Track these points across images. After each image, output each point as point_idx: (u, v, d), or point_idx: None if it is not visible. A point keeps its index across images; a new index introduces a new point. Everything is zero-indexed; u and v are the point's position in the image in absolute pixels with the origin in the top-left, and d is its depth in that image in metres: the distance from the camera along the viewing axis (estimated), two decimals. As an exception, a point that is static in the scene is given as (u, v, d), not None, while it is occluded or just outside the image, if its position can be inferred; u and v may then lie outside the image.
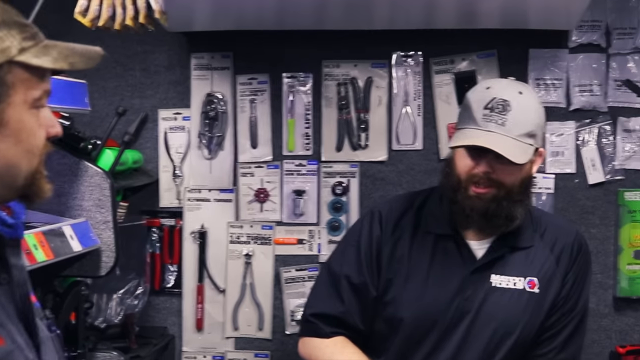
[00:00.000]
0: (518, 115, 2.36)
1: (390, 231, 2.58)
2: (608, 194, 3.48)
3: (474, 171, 2.39)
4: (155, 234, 3.59)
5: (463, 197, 2.42)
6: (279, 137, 3.54)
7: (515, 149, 2.34)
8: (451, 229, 2.52)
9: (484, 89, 2.45)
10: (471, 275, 2.48)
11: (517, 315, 2.48)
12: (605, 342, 3.49)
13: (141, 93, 3.56)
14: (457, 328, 2.47)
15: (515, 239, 2.52)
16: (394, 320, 2.51)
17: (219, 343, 3.61)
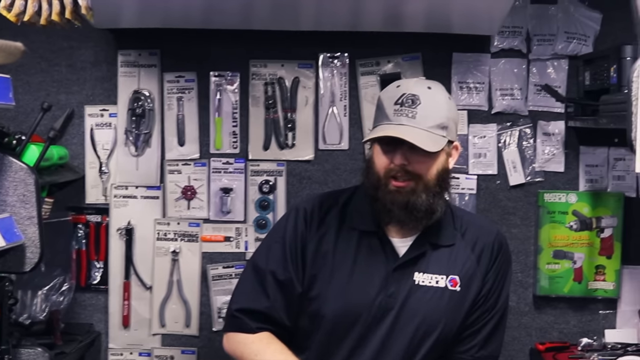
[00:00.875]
0: (427, 108, 2.42)
1: (316, 227, 2.60)
2: (528, 195, 3.55)
3: (391, 165, 2.43)
4: (82, 231, 3.58)
5: (384, 193, 2.46)
6: (206, 135, 3.55)
7: (426, 139, 2.39)
8: (375, 225, 2.56)
9: (394, 88, 2.51)
10: (394, 272, 2.52)
11: (439, 313, 2.51)
12: (525, 340, 3.56)
13: (67, 89, 3.54)
14: (380, 324, 2.50)
15: (437, 236, 2.57)
16: (317, 316, 2.53)
17: (145, 340, 3.61)
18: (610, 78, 2.93)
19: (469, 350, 2.59)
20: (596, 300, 3.57)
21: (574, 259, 3.53)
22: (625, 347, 3.37)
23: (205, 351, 3.61)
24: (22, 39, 3.27)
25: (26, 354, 2.98)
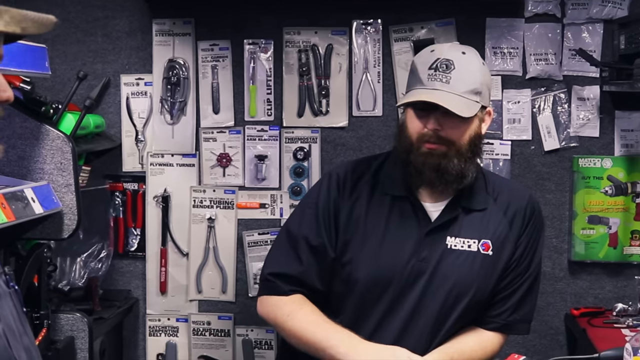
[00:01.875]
0: (461, 73, 2.41)
1: (348, 193, 2.59)
2: (563, 161, 3.54)
3: (424, 130, 2.42)
4: (119, 198, 3.62)
5: (415, 156, 2.45)
6: (240, 103, 3.57)
7: (460, 104, 2.38)
8: (407, 190, 2.55)
9: (428, 52, 2.49)
10: (426, 237, 2.51)
11: (471, 277, 2.51)
12: (560, 305, 3.57)
13: (103, 58, 3.57)
14: (412, 289, 2.50)
15: (469, 200, 2.56)
16: (350, 280, 2.53)
17: (182, 306, 3.65)
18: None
19: (501, 314, 2.59)
20: (631, 266, 3.56)
21: (609, 224, 3.52)
22: None
23: (242, 317, 3.65)
24: (58, 9, 3.35)
25: (65, 319, 3.03)
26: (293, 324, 2.55)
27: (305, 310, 2.55)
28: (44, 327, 2.83)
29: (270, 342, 3.64)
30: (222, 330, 3.65)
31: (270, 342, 3.64)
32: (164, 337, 3.67)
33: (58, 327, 3.01)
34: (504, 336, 2.63)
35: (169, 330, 3.66)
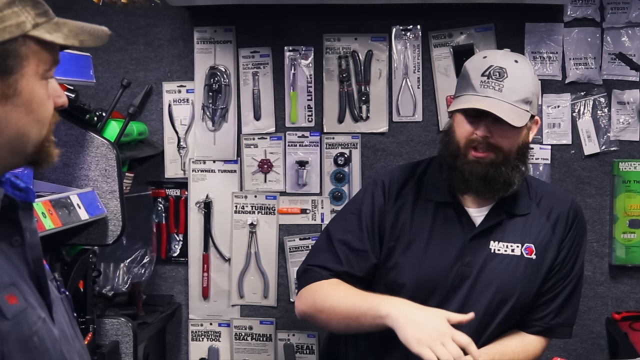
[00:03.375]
0: (514, 82, 2.42)
1: (393, 200, 2.62)
2: (603, 165, 3.54)
3: (473, 136, 2.44)
4: (161, 204, 3.66)
5: (462, 163, 2.47)
6: (281, 109, 3.60)
7: (512, 113, 2.39)
8: (451, 196, 2.57)
9: (481, 58, 2.50)
10: (470, 242, 2.53)
11: (514, 281, 2.53)
12: (601, 309, 3.56)
13: (145, 66, 3.61)
14: (456, 293, 2.52)
15: (513, 206, 2.57)
16: (395, 285, 2.55)
17: (224, 311, 3.68)
18: None
19: (544, 317, 2.60)
20: None
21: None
22: None
23: (283, 321, 3.67)
24: (101, 19, 3.39)
25: (110, 324, 3.07)
26: (332, 300, 2.53)
27: (344, 287, 2.55)
28: (90, 331, 2.88)
29: (312, 347, 3.65)
30: (264, 335, 3.67)
31: (311, 347, 3.65)
32: (206, 341, 3.70)
33: (103, 332, 3.05)
34: (547, 340, 2.65)
35: (212, 335, 3.69)
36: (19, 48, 1.38)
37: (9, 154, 1.43)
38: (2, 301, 1.34)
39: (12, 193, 1.44)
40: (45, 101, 1.46)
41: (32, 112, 1.43)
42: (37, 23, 1.40)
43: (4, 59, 1.36)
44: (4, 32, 1.35)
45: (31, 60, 1.40)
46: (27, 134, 1.43)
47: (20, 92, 1.39)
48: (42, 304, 1.47)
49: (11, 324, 1.34)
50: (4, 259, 1.41)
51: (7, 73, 1.37)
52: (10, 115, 1.39)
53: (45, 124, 1.47)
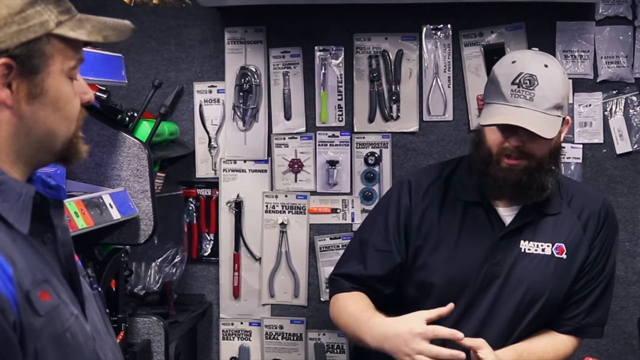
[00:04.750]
0: (545, 89, 2.41)
1: (420, 199, 2.64)
2: (636, 164, 3.52)
3: (505, 144, 2.44)
4: (192, 204, 3.68)
5: (495, 169, 2.48)
6: (312, 109, 3.61)
7: (544, 124, 2.39)
8: (480, 196, 2.58)
9: (510, 64, 2.49)
10: (500, 241, 2.55)
11: (545, 280, 2.54)
12: (633, 309, 3.53)
13: (176, 67, 3.63)
14: (486, 292, 2.53)
15: (543, 205, 2.57)
16: (425, 284, 2.58)
17: (255, 310, 3.70)
18: None
19: (575, 317, 2.61)
20: None
21: None
22: None
23: (314, 321, 3.68)
24: (132, 19, 3.34)
25: (142, 323, 3.10)
26: (341, 319, 2.65)
27: (356, 299, 2.62)
28: (122, 330, 2.91)
29: (342, 346, 3.66)
30: (295, 334, 3.68)
31: (342, 346, 3.66)
32: (237, 340, 3.71)
33: (135, 331, 3.08)
34: (578, 340, 2.66)
35: (242, 334, 3.71)
36: (44, 47, 1.41)
37: (39, 151, 1.47)
38: (35, 298, 1.35)
39: (43, 191, 1.47)
40: (72, 98, 1.49)
41: (59, 110, 1.46)
42: (60, 21, 1.43)
43: (30, 59, 1.39)
44: (28, 32, 1.38)
45: (56, 58, 1.43)
46: (56, 131, 1.46)
47: (47, 91, 1.43)
48: (74, 301, 1.49)
49: (44, 320, 1.36)
50: (37, 256, 1.43)
51: (33, 72, 1.40)
52: (38, 113, 1.43)
53: (72, 121, 1.50)
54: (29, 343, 1.33)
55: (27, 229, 1.41)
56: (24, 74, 1.39)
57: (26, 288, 1.34)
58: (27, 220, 1.41)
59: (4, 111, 1.40)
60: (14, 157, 1.43)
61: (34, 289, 1.36)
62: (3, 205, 1.39)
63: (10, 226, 1.39)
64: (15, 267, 1.34)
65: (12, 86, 1.39)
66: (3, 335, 1.28)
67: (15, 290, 1.32)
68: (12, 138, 1.42)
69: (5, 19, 1.36)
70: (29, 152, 1.45)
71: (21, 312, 1.32)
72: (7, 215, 1.39)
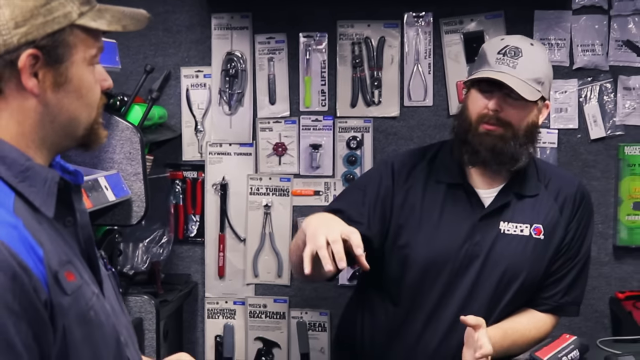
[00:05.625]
0: (528, 62, 2.54)
1: (403, 181, 2.71)
2: (609, 149, 3.62)
3: (485, 111, 2.54)
4: (179, 186, 3.75)
5: (473, 135, 2.57)
6: (296, 94, 3.68)
7: (523, 88, 2.50)
8: (461, 177, 2.67)
9: (498, 40, 2.64)
10: (480, 222, 2.63)
11: (523, 260, 2.62)
12: (605, 289, 3.64)
13: (164, 52, 3.69)
14: (467, 271, 2.61)
15: (521, 187, 2.67)
16: (406, 263, 2.64)
17: (239, 289, 3.78)
18: None
19: (553, 296, 2.70)
20: None
21: None
22: None
23: (297, 300, 3.77)
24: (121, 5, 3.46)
25: (134, 301, 3.17)
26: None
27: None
28: (116, 309, 2.97)
29: (324, 324, 3.75)
30: (278, 313, 3.77)
31: (323, 324, 3.75)
32: (221, 319, 3.80)
33: (127, 309, 3.13)
34: (556, 318, 2.75)
35: (227, 312, 3.79)
36: (67, 37, 1.46)
37: (62, 137, 1.53)
38: (62, 278, 1.41)
39: (62, 176, 1.52)
40: (94, 86, 1.54)
41: (82, 97, 1.51)
42: (82, 12, 1.48)
43: (55, 49, 1.45)
44: (53, 23, 1.44)
45: (79, 47, 1.49)
46: (79, 117, 1.52)
47: (71, 79, 1.48)
48: (94, 281, 1.55)
49: (71, 299, 1.43)
50: (60, 238, 1.49)
51: (58, 62, 1.46)
52: (62, 101, 1.48)
53: (94, 107, 1.56)
54: (58, 320, 1.39)
55: (52, 212, 1.47)
56: (49, 63, 1.45)
57: (54, 269, 1.40)
58: (53, 204, 1.47)
59: (30, 99, 1.45)
60: (39, 143, 1.49)
61: (61, 270, 1.42)
62: (30, 189, 1.44)
63: (36, 210, 1.45)
64: (44, 248, 1.39)
65: (38, 75, 1.44)
66: (36, 312, 1.35)
67: (45, 270, 1.38)
68: (37, 125, 1.47)
69: (32, 11, 1.42)
70: (52, 139, 1.51)
71: (51, 292, 1.38)
72: (34, 199, 1.45)
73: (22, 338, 1.33)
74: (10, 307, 1.31)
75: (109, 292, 1.65)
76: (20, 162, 1.45)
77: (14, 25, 1.41)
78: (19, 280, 1.32)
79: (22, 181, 1.44)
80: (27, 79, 1.43)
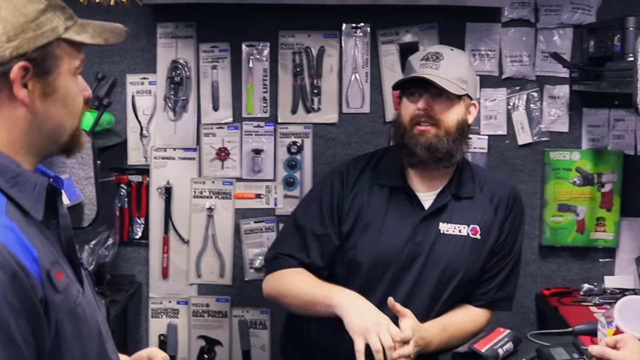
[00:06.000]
0: (449, 64, 2.73)
1: (351, 187, 2.85)
2: (535, 154, 3.78)
3: (416, 112, 2.72)
4: (124, 190, 3.81)
5: (409, 138, 2.73)
6: (238, 101, 3.77)
7: (447, 84, 2.68)
8: (402, 181, 2.82)
9: (421, 50, 2.90)
10: (421, 223, 2.78)
11: (461, 259, 2.78)
12: (531, 286, 3.82)
13: (110, 59, 3.74)
14: (410, 270, 2.76)
15: (458, 189, 2.83)
16: (353, 263, 2.79)
17: (183, 289, 3.86)
18: (614, 46, 3.14)
19: (487, 292, 2.87)
20: (597, 250, 3.82)
21: (576, 211, 3.75)
22: (622, 292, 3.60)
23: (238, 299, 3.86)
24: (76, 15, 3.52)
25: (85, 301, 3.23)
26: (293, 285, 2.80)
27: (306, 274, 2.80)
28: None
29: (265, 322, 3.85)
30: (220, 312, 3.85)
31: (264, 322, 3.85)
32: (165, 318, 3.87)
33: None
34: (491, 312, 2.92)
35: (170, 312, 3.86)
36: (55, 50, 1.55)
37: (48, 144, 1.61)
38: (54, 276, 1.49)
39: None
40: (77, 95, 1.64)
41: (67, 106, 1.60)
42: (67, 26, 1.58)
43: (44, 61, 1.53)
44: (42, 37, 1.53)
45: (65, 59, 1.58)
46: (64, 125, 1.61)
47: (58, 89, 1.57)
48: (75, 280, 1.63)
49: (62, 296, 1.51)
50: (47, 240, 1.56)
51: (47, 73, 1.54)
52: (50, 110, 1.57)
53: (77, 115, 1.65)
54: (52, 316, 1.47)
55: (41, 215, 1.55)
56: (38, 74, 1.53)
57: (47, 268, 1.48)
58: (42, 208, 1.55)
59: (20, 108, 1.53)
60: (27, 150, 1.56)
61: (52, 269, 1.50)
62: (20, 194, 1.52)
63: (25, 213, 1.52)
64: (38, 249, 1.47)
65: (28, 86, 1.52)
66: (34, 309, 1.43)
67: (39, 270, 1.46)
68: (26, 132, 1.55)
69: (23, 26, 1.50)
70: (39, 145, 1.58)
71: (45, 289, 1.46)
72: (24, 203, 1.52)
73: (22, 333, 1.40)
74: (11, 304, 1.38)
75: (88, 290, 1.71)
76: (11, 168, 1.52)
77: (7, 40, 1.49)
78: (19, 279, 1.40)
79: (13, 186, 1.51)
80: (19, 89, 1.51)
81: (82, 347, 1.59)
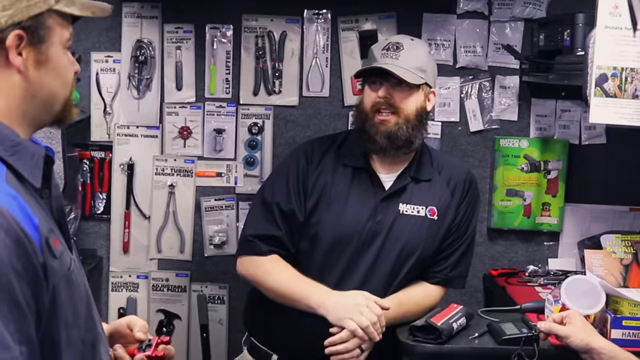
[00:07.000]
0: (409, 54, 2.86)
1: (315, 165, 2.96)
2: (485, 140, 3.91)
3: (377, 100, 2.85)
4: (87, 165, 3.86)
5: (370, 125, 2.86)
6: (202, 81, 3.84)
7: (406, 74, 2.81)
8: (365, 162, 2.94)
9: (383, 40, 2.98)
10: (381, 203, 2.91)
11: (419, 238, 2.91)
12: (479, 266, 3.93)
13: (75, 37, 3.60)
14: (370, 247, 2.89)
15: (417, 172, 2.97)
16: (316, 239, 2.90)
17: (143, 264, 3.93)
18: (564, 41, 3.27)
19: (442, 270, 3.01)
20: (542, 233, 3.96)
21: (524, 196, 3.89)
22: (565, 273, 3.73)
23: (197, 274, 3.94)
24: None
25: (50, 274, 3.29)
26: (272, 280, 2.90)
27: (281, 267, 2.91)
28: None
29: (223, 297, 3.94)
30: (179, 287, 3.93)
31: (222, 297, 3.94)
32: (125, 292, 3.94)
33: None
34: (445, 289, 3.06)
35: (130, 286, 3.94)
36: (47, 20, 1.62)
37: (42, 113, 1.67)
38: (51, 243, 1.55)
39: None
40: (69, 66, 1.72)
41: (59, 76, 1.68)
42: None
43: (37, 30, 1.60)
44: (35, 7, 1.59)
45: (56, 30, 1.65)
46: (57, 94, 1.68)
47: (51, 59, 1.64)
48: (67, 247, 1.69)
49: (59, 262, 1.57)
50: (42, 208, 1.63)
51: (40, 42, 1.61)
52: (43, 78, 1.63)
53: (69, 86, 1.72)
54: (50, 281, 1.53)
55: (39, 183, 1.62)
56: (32, 43, 1.59)
57: (45, 235, 1.54)
58: (40, 176, 1.62)
59: (15, 76, 1.59)
60: (22, 119, 1.62)
61: (49, 236, 1.55)
62: (19, 162, 1.58)
63: (23, 182, 1.58)
64: (38, 217, 1.53)
65: (22, 54, 1.59)
66: (35, 274, 1.49)
67: (39, 236, 1.52)
68: (21, 101, 1.61)
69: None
70: (33, 114, 1.65)
71: (45, 255, 1.52)
72: (23, 170, 1.58)
73: (25, 296, 1.47)
74: (15, 268, 1.45)
75: (76, 257, 1.78)
76: (11, 137, 1.59)
77: (1, 8, 1.56)
78: (22, 245, 1.47)
79: (12, 155, 1.58)
80: (14, 56, 1.58)
81: (74, 310, 1.66)
